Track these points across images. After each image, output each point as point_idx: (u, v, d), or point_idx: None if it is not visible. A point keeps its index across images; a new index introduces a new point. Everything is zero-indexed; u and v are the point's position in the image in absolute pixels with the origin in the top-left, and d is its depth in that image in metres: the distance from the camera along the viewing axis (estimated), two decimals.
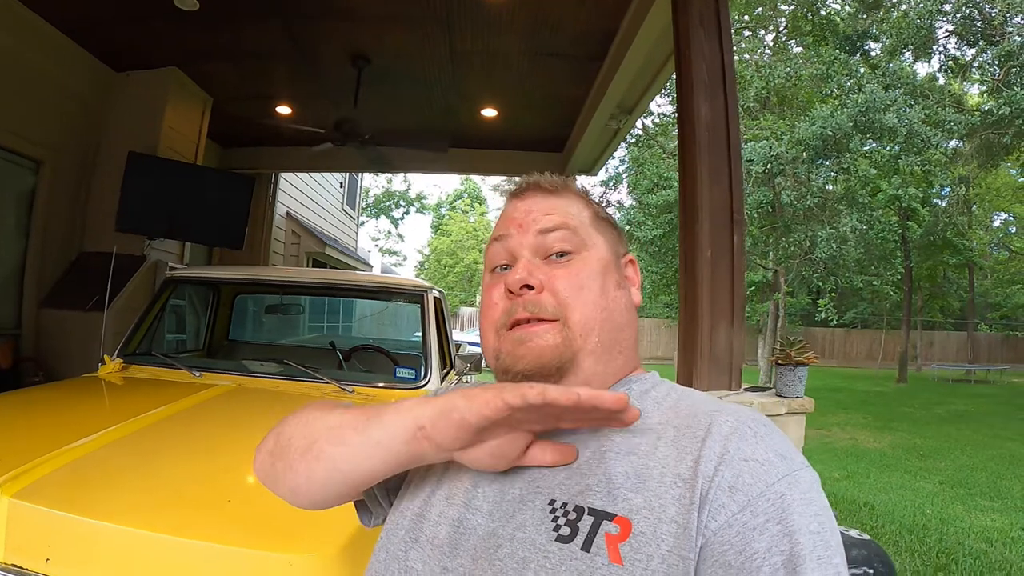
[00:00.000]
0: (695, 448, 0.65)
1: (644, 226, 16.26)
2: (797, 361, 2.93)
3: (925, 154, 13.83)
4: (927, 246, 19.00)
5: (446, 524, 0.73)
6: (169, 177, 5.34)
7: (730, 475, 0.62)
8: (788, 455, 0.64)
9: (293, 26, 4.65)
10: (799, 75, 14.35)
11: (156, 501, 1.38)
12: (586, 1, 4.13)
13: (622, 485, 0.65)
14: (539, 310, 0.76)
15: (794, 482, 0.62)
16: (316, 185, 10.81)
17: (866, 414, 11.78)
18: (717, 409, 0.71)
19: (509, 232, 0.83)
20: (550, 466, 0.70)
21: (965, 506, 5.97)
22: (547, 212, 0.82)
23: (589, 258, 0.81)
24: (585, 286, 0.78)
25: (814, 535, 0.58)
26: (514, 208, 0.86)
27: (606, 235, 0.86)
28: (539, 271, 0.79)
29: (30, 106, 4.65)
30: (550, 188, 0.86)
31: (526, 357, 0.75)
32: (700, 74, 2.64)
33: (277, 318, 4.80)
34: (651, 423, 0.72)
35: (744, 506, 0.60)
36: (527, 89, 5.69)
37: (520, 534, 0.66)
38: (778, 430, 0.69)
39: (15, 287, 4.84)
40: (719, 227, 2.60)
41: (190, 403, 2.21)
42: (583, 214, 0.85)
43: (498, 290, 0.81)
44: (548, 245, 0.81)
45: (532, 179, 0.88)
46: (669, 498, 0.62)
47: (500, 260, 0.84)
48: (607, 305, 0.79)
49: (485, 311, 0.83)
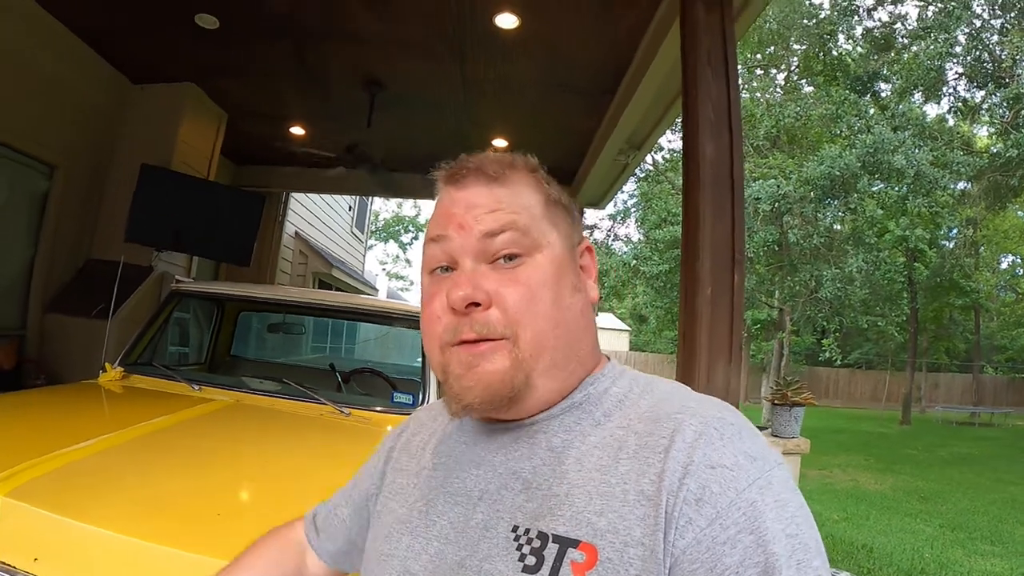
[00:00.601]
0: (658, 460, 0.61)
1: (651, 261, 16.31)
2: (794, 401, 2.94)
3: (933, 195, 13.90)
4: (933, 287, 18.96)
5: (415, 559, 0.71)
6: (180, 191, 5.38)
7: (696, 487, 0.57)
8: (759, 455, 0.60)
9: (308, 49, 4.71)
10: (809, 114, 14.47)
11: (146, 509, 1.40)
12: (598, 35, 4.18)
13: (584, 507, 0.62)
14: (487, 330, 0.68)
15: (766, 485, 0.58)
16: (326, 207, 10.88)
17: (868, 455, 11.70)
18: (680, 410, 0.65)
19: (448, 234, 0.73)
20: None
21: (965, 550, 5.92)
22: (492, 208, 0.72)
23: (541, 262, 0.72)
24: (537, 297, 0.69)
25: (791, 539, 0.55)
26: (452, 201, 0.75)
27: (560, 226, 0.76)
28: (485, 281, 0.70)
29: (47, 111, 4.70)
30: (494, 175, 0.74)
31: (475, 388, 0.68)
32: (706, 112, 2.67)
33: (280, 337, 4.82)
34: (611, 428, 0.68)
35: (712, 519, 0.56)
36: (538, 120, 5.74)
37: (487, 565, 0.64)
38: (749, 425, 0.64)
39: (22, 289, 4.87)
40: (720, 265, 2.60)
41: (187, 416, 2.23)
42: (533, 203, 0.75)
43: (440, 300, 0.71)
44: (494, 249, 0.71)
45: (473, 162, 0.76)
46: (633, 519, 0.59)
47: (439, 262, 0.74)
48: (562, 317, 0.71)
49: (427, 323, 0.74)
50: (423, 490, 0.78)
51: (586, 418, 0.70)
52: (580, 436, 0.69)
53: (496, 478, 0.71)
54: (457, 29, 4.25)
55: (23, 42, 4.35)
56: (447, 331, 0.70)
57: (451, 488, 0.74)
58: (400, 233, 34.99)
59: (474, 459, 0.75)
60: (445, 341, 0.70)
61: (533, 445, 0.71)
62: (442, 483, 0.76)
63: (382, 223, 33.86)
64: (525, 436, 0.72)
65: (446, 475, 0.77)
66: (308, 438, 2.30)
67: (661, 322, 19.62)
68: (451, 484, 0.75)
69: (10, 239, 4.77)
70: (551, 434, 0.70)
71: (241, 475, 1.77)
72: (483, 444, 0.76)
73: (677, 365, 2.75)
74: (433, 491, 0.76)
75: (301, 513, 1.02)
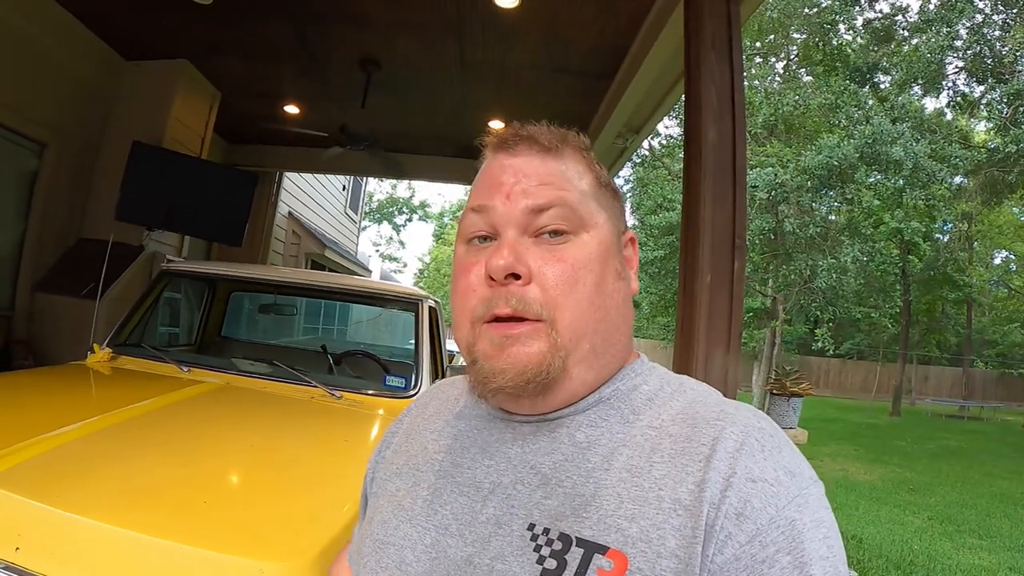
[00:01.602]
0: (698, 468, 0.58)
1: (645, 247, 16.24)
2: (792, 392, 2.91)
3: (929, 188, 13.90)
4: (927, 280, 19.01)
5: (411, 548, 0.67)
6: (172, 169, 5.31)
7: (737, 501, 0.55)
8: (797, 471, 0.58)
9: (304, 27, 4.64)
10: (808, 104, 14.41)
11: (131, 498, 1.35)
12: (599, 18, 4.13)
13: (614, 511, 0.58)
14: (523, 307, 0.63)
15: (804, 503, 0.56)
16: (320, 187, 10.81)
17: (858, 446, 11.75)
18: (720, 416, 0.62)
19: (492, 204, 0.68)
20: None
21: (953, 543, 5.95)
22: (542, 181, 0.68)
23: (588, 242, 0.67)
24: (580, 280, 0.65)
25: (824, 560, 0.54)
26: (501, 168, 0.70)
27: (608, 210, 0.72)
28: (528, 255, 0.65)
29: (37, 88, 4.63)
30: (548, 146, 0.70)
31: (507, 372, 0.63)
32: (709, 96, 2.62)
33: (272, 318, 4.77)
34: (641, 427, 0.64)
35: (753, 536, 0.54)
36: (535, 102, 5.68)
37: (500, 565, 0.60)
38: (785, 437, 0.62)
39: (11, 268, 4.81)
40: (720, 252, 2.56)
41: (175, 399, 2.19)
42: (584, 182, 0.71)
43: (476, 271, 0.67)
44: (540, 224, 0.67)
45: (527, 131, 0.71)
46: (669, 528, 0.55)
47: (478, 230, 0.69)
48: (603, 303, 0.67)
49: (460, 295, 0.69)
50: (427, 475, 0.73)
51: (614, 414, 0.67)
52: (607, 433, 0.65)
53: (511, 470, 0.67)
54: (457, 9, 4.19)
55: (12, 18, 4.27)
56: (482, 303, 0.66)
57: (459, 477, 0.70)
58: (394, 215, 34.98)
59: (485, 447, 0.71)
60: (478, 316, 0.66)
61: (555, 439, 0.66)
62: (449, 471, 0.71)
63: (376, 204, 33.83)
64: (546, 429, 0.68)
65: (453, 462, 0.72)
66: (298, 422, 2.26)
67: (655, 308, 19.59)
68: (459, 473, 0.70)
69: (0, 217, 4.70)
70: (575, 428, 0.66)
71: (229, 461, 1.73)
72: (497, 432, 0.71)
73: (674, 353, 2.71)
74: (439, 478, 0.71)
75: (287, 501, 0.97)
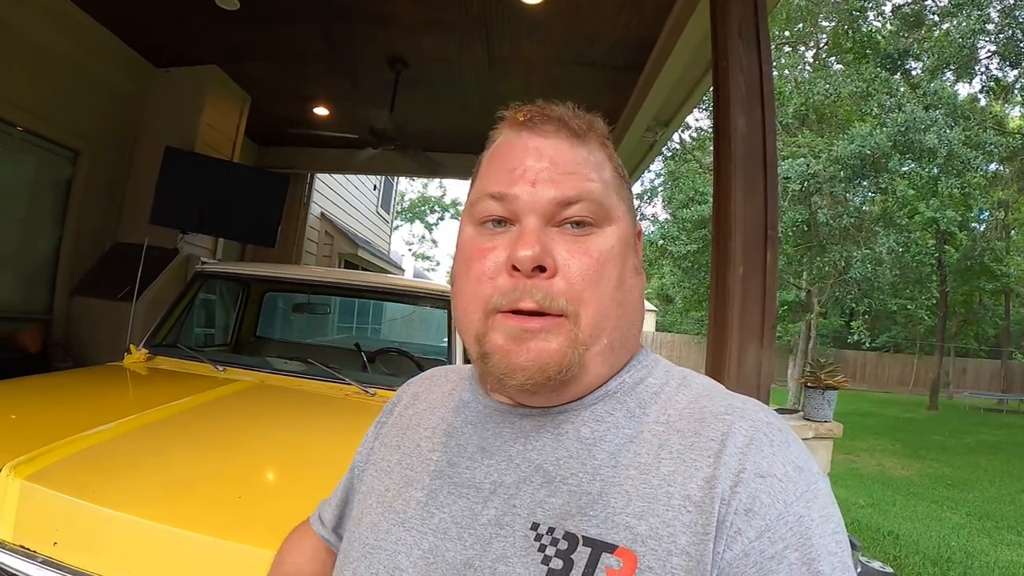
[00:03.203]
0: (708, 464, 0.57)
1: (678, 241, 16.14)
2: (827, 384, 2.86)
3: (964, 176, 13.58)
4: (963, 271, 18.60)
5: (406, 554, 0.64)
6: (204, 173, 5.41)
7: (747, 496, 0.54)
8: (805, 466, 0.57)
9: (331, 28, 4.68)
10: (839, 92, 14.17)
11: (165, 493, 1.38)
12: (624, 10, 4.10)
13: (622, 508, 0.56)
14: (548, 302, 0.60)
15: (812, 499, 0.55)
16: (351, 187, 10.88)
17: (895, 440, 11.54)
18: (728, 410, 0.61)
19: (516, 193, 0.63)
20: None
21: (992, 540, 5.82)
22: (571, 169, 0.64)
23: (611, 235, 0.65)
24: (605, 275, 0.63)
25: (832, 556, 0.53)
26: (525, 149, 0.65)
27: (627, 201, 0.70)
28: (553, 246, 0.62)
29: (70, 97, 4.75)
30: (578, 131, 0.67)
31: (528, 369, 0.60)
32: (737, 86, 2.59)
33: (305, 317, 4.82)
34: (648, 423, 0.62)
35: (762, 532, 0.53)
36: (563, 97, 5.53)
37: (502, 567, 0.58)
38: (792, 433, 0.61)
39: (48, 273, 4.94)
40: (752, 243, 2.53)
41: (210, 397, 2.22)
42: (606, 172, 0.68)
43: (494, 258, 0.63)
44: (565, 214, 0.63)
45: (555, 111, 0.68)
46: (679, 525, 0.54)
47: (494, 214, 0.65)
48: (624, 299, 0.65)
49: (474, 282, 0.64)
50: (420, 476, 0.70)
51: (619, 408, 0.65)
52: (613, 428, 0.63)
53: (513, 470, 0.64)
54: (482, 5, 4.19)
55: (45, 31, 4.39)
56: (501, 294, 0.61)
57: (457, 478, 0.66)
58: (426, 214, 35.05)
59: (484, 445, 0.68)
60: (494, 306, 0.62)
61: (559, 435, 0.64)
62: (445, 471, 0.68)
63: (408, 204, 33.93)
64: (550, 425, 0.65)
65: (449, 462, 0.69)
66: (332, 418, 2.27)
67: (688, 302, 19.50)
68: (457, 474, 0.67)
69: (36, 224, 4.84)
70: (580, 423, 0.64)
71: (263, 457, 1.75)
72: (494, 428, 0.69)
73: (707, 347, 2.68)
74: (434, 479, 0.68)
75: (321, 496, 0.98)
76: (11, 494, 1.30)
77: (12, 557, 1.24)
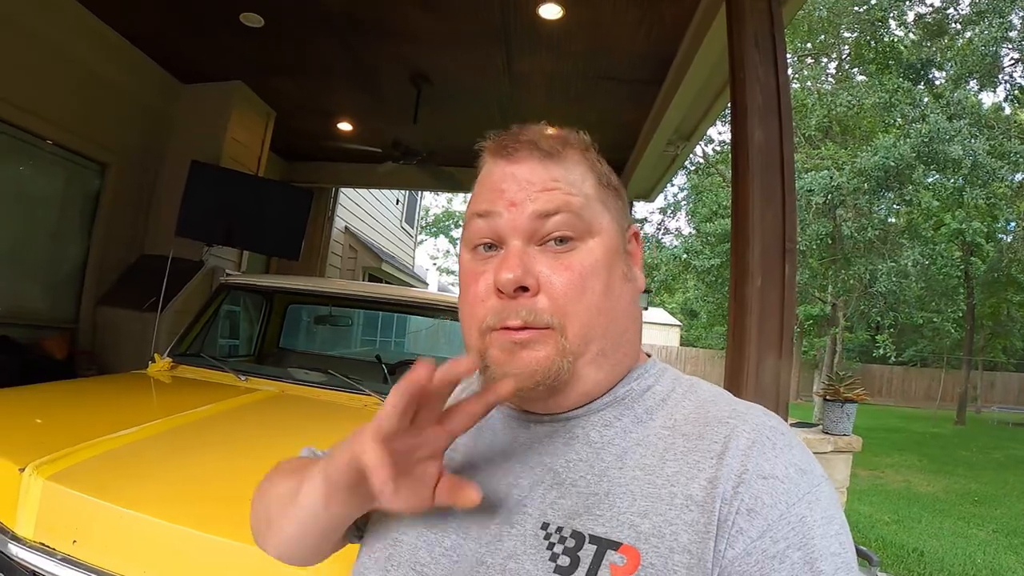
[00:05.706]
0: (710, 465, 0.59)
1: (702, 255, 16.03)
2: (846, 397, 2.84)
3: (990, 187, 13.37)
4: (991, 283, 18.25)
5: (427, 549, 0.67)
6: (230, 186, 5.48)
7: (749, 497, 0.56)
8: (807, 468, 0.59)
9: (353, 45, 4.74)
10: (861, 104, 14.05)
11: (183, 495, 1.41)
12: (643, 24, 4.12)
13: (627, 508, 0.59)
14: (533, 318, 0.64)
15: (814, 501, 0.56)
16: (375, 202, 10.98)
17: (921, 456, 11.33)
18: (732, 414, 0.63)
19: (497, 210, 0.67)
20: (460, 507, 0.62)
21: (1019, 557, 5.70)
22: (545, 187, 0.67)
23: (594, 248, 0.67)
24: (587, 286, 0.65)
25: (835, 557, 0.54)
26: (502, 176, 0.69)
27: (612, 210, 0.71)
28: (535, 264, 0.65)
29: (99, 112, 4.86)
30: (549, 151, 0.69)
31: (518, 376, 0.64)
32: (754, 97, 2.60)
33: (328, 329, 4.87)
34: (655, 428, 0.65)
35: (763, 531, 0.54)
36: (584, 111, 5.68)
37: (512, 564, 0.60)
38: (796, 437, 0.63)
39: (76, 283, 5.04)
40: (770, 255, 2.52)
41: (232, 405, 2.25)
42: (587, 184, 0.70)
43: (484, 281, 0.67)
44: (546, 231, 0.66)
45: (526, 135, 0.70)
46: (681, 524, 0.56)
47: (483, 237, 0.69)
48: (611, 307, 0.67)
49: (470, 305, 0.69)
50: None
51: (627, 414, 0.67)
52: (621, 433, 0.66)
53: (527, 474, 0.67)
54: (503, 21, 4.23)
55: (74, 47, 4.51)
56: (492, 314, 0.66)
57: (475, 479, 0.68)
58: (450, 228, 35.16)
59: (503, 451, 0.71)
60: (488, 326, 0.66)
61: (570, 440, 0.67)
62: (464, 471, 0.71)
63: (432, 218, 34.07)
64: (562, 431, 0.68)
65: (469, 463, 0.73)
66: (350, 427, 2.29)
67: (712, 317, 19.38)
68: (475, 475, 0.70)
69: (64, 235, 4.95)
70: (589, 428, 0.67)
71: None
72: (512, 437, 0.72)
73: (726, 358, 2.67)
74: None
75: None
76: (33, 493, 1.34)
77: (32, 553, 1.28)
